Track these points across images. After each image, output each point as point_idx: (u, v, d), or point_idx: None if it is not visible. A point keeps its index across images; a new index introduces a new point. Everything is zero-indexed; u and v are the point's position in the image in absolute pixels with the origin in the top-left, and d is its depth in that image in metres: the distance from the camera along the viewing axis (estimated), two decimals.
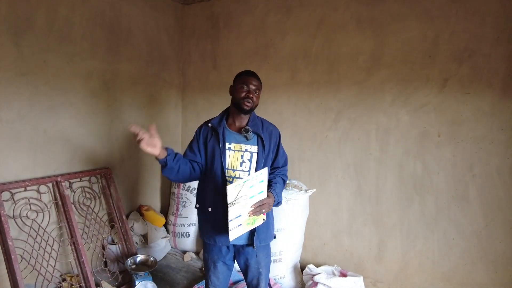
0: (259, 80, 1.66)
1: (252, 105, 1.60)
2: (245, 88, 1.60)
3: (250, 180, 1.35)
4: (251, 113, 1.68)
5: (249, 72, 1.66)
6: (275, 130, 1.73)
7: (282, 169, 1.74)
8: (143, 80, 3.05)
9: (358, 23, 2.42)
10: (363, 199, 2.52)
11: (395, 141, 2.36)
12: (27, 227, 2.17)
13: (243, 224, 1.44)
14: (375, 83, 2.39)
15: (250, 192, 1.39)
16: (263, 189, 1.40)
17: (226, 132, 1.64)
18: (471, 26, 2.05)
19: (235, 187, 1.33)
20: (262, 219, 1.49)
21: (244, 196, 1.37)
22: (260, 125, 1.67)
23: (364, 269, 2.55)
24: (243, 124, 1.66)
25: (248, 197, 1.39)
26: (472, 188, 2.13)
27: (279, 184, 1.65)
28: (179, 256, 2.97)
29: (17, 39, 2.12)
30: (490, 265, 2.11)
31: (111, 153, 2.82)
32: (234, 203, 1.36)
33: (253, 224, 1.49)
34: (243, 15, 2.99)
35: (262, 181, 1.39)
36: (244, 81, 1.62)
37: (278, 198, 1.59)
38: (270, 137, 1.67)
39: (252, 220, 1.47)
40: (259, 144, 1.62)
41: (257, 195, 1.41)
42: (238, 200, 1.37)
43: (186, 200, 3.00)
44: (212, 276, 1.74)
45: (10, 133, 2.14)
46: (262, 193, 1.42)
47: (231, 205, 1.36)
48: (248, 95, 1.58)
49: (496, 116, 2.02)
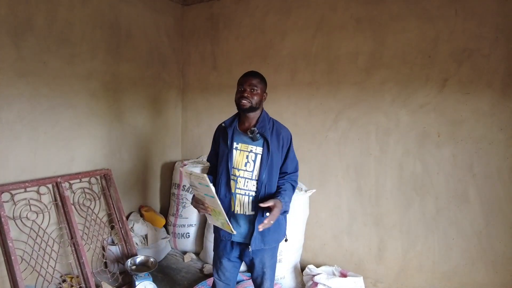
0: (258, 78, 1.64)
1: (249, 103, 1.59)
2: (241, 88, 1.62)
3: (195, 176, 1.43)
4: (260, 114, 1.68)
5: (246, 73, 1.67)
6: (286, 133, 1.70)
7: (292, 174, 1.71)
8: (143, 81, 3.05)
9: (357, 24, 2.43)
10: (363, 200, 2.52)
11: (395, 141, 2.36)
12: (27, 228, 2.17)
13: (212, 215, 1.56)
14: (375, 83, 2.39)
15: (202, 189, 1.46)
16: (213, 194, 1.41)
17: (235, 132, 1.66)
18: (471, 26, 2.05)
19: (186, 172, 1.48)
20: (230, 231, 1.51)
21: (198, 189, 1.49)
22: (268, 127, 1.65)
23: (364, 269, 2.55)
24: (252, 125, 1.66)
25: (203, 193, 1.48)
26: (472, 188, 2.13)
27: (288, 191, 1.63)
28: (179, 257, 2.97)
29: (17, 40, 2.12)
30: (490, 265, 2.10)
31: (111, 154, 2.82)
32: (193, 189, 1.54)
33: (222, 226, 1.55)
34: (243, 16, 2.99)
35: (207, 186, 1.40)
36: (240, 82, 1.64)
37: (286, 207, 1.58)
38: (278, 139, 1.65)
39: (220, 221, 1.53)
40: (265, 146, 1.61)
41: (209, 197, 1.45)
42: (196, 189, 1.51)
43: (186, 201, 3.00)
44: (219, 271, 1.77)
45: (10, 134, 2.14)
46: (213, 198, 1.43)
47: (194, 189, 1.55)
48: (243, 95, 1.59)
49: (495, 116, 2.02)
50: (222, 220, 1.50)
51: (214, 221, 1.60)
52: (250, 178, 1.62)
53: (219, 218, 1.51)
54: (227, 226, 1.50)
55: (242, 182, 1.62)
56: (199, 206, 1.55)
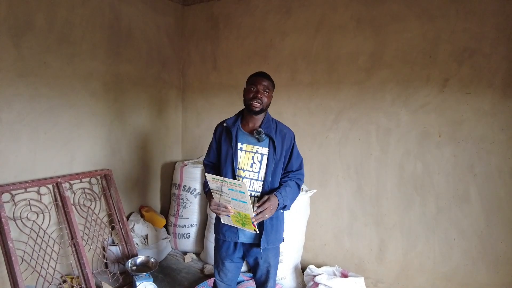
0: (269, 80, 1.65)
1: (261, 105, 1.59)
2: (254, 88, 1.60)
3: (228, 182, 1.41)
4: (265, 114, 1.67)
5: (259, 73, 1.67)
6: (289, 133, 1.70)
7: (296, 172, 1.71)
8: (143, 81, 3.05)
9: (358, 23, 2.42)
10: (364, 200, 2.52)
11: (395, 141, 2.36)
12: (28, 229, 2.17)
13: (231, 217, 1.54)
14: (375, 83, 2.39)
15: (231, 194, 1.43)
16: (246, 200, 1.41)
17: (239, 132, 1.65)
18: (471, 25, 2.05)
19: (213, 179, 1.46)
20: (254, 230, 1.51)
21: (226, 194, 1.46)
22: (273, 128, 1.65)
23: (365, 270, 2.55)
24: (256, 125, 1.66)
25: (230, 198, 1.45)
26: (473, 188, 2.13)
27: (289, 188, 1.62)
28: (180, 257, 2.97)
29: (17, 40, 2.12)
30: (491, 265, 2.10)
31: (111, 154, 2.82)
32: (221, 195, 1.49)
33: (243, 226, 1.54)
34: (243, 16, 2.99)
35: (243, 193, 1.39)
36: (253, 81, 1.62)
37: (284, 201, 1.56)
38: (283, 140, 1.65)
39: (241, 221, 1.51)
40: (271, 147, 1.61)
41: (240, 202, 1.44)
42: (222, 195, 1.48)
43: (187, 201, 3.00)
44: (221, 272, 1.77)
45: (10, 134, 2.14)
46: (246, 204, 1.42)
47: (216, 193, 1.51)
48: (256, 95, 1.58)
49: (497, 116, 2.02)
50: (246, 221, 1.48)
51: (231, 222, 1.57)
52: (256, 179, 1.62)
53: (242, 219, 1.50)
54: (251, 227, 1.49)
55: (247, 183, 1.62)
56: (221, 209, 1.51)
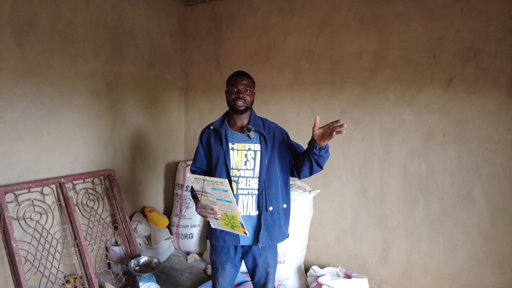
0: (249, 78, 1.66)
1: (245, 104, 1.61)
2: (235, 89, 1.62)
3: (210, 181, 1.40)
4: (251, 112, 1.69)
5: (237, 72, 1.68)
6: (278, 128, 1.73)
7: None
8: (146, 81, 3.05)
9: (361, 23, 2.41)
10: (367, 200, 2.51)
11: (399, 142, 2.34)
12: (31, 229, 2.17)
13: (220, 221, 1.52)
14: (379, 83, 2.37)
15: (216, 194, 1.42)
16: (230, 199, 1.39)
17: (229, 133, 1.65)
18: (476, 25, 2.03)
19: (196, 179, 1.45)
20: (244, 233, 1.48)
21: (210, 194, 1.44)
22: (261, 124, 1.68)
23: (368, 271, 2.53)
24: (244, 124, 1.67)
25: (215, 199, 1.44)
26: (478, 188, 2.11)
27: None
28: (183, 258, 2.96)
29: (20, 40, 2.12)
30: (497, 266, 2.08)
31: (114, 154, 2.82)
32: (203, 195, 1.48)
33: (232, 229, 1.51)
34: (246, 16, 2.98)
35: (226, 191, 1.37)
36: (233, 82, 1.64)
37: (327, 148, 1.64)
38: (274, 135, 1.68)
39: (230, 224, 1.49)
40: (262, 142, 1.63)
41: (226, 202, 1.42)
42: (207, 195, 1.46)
43: (190, 201, 3.00)
44: (220, 278, 1.73)
45: (14, 134, 2.15)
46: (230, 203, 1.40)
47: (200, 194, 1.49)
48: (238, 95, 1.60)
49: (502, 116, 2.00)
50: (235, 223, 1.46)
51: (221, 226, 1.54)
52: (252, 176, 1.62)
53: (231, 221, 1.48)
54: (241, 229, 1.46)
55: (244, 181, 1.62)
56: (207, 211, 1.49)
